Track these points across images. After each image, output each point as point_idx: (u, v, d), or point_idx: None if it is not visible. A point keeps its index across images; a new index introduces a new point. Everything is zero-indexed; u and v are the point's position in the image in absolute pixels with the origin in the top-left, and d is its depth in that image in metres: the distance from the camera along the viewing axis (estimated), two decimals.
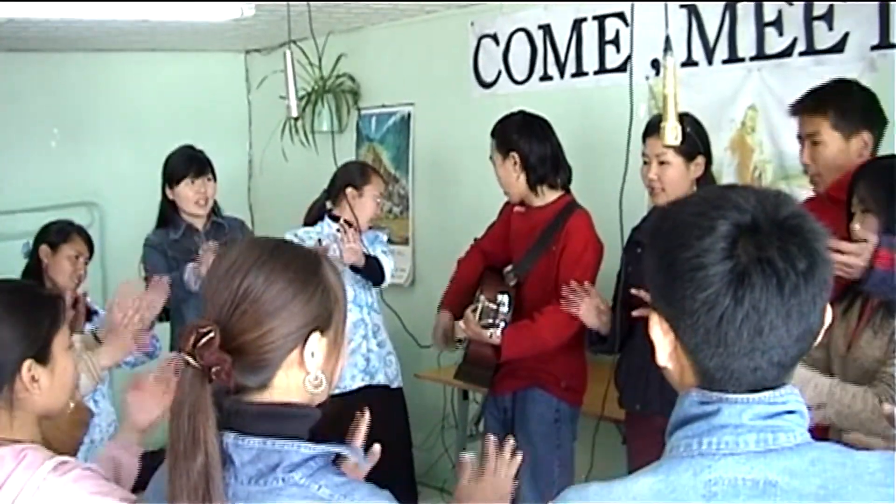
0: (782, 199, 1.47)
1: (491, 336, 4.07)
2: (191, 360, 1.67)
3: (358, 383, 4.99)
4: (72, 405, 2.62)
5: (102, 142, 7.41)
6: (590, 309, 4.01)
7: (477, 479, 2.29)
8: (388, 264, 5.12)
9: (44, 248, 4.60)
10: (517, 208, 4.58)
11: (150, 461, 2.49)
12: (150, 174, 7.15)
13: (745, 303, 1.39)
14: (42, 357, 2.23)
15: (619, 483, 1.48)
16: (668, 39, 2.67)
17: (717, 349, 1.43)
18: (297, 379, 1.77)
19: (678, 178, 3.83)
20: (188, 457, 1.63)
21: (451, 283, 4.82)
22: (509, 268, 4.62)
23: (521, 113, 4.48)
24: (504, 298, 3.94)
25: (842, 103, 3.55)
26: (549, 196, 4.42)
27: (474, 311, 4.02)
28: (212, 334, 1.67)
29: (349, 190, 4.96)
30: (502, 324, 3.98)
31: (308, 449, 1.71)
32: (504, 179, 4.41)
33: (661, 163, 3.83)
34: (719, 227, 1.41)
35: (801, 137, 3.68)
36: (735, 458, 1.42)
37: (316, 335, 1.77)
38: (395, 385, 5.16)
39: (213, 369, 1.67)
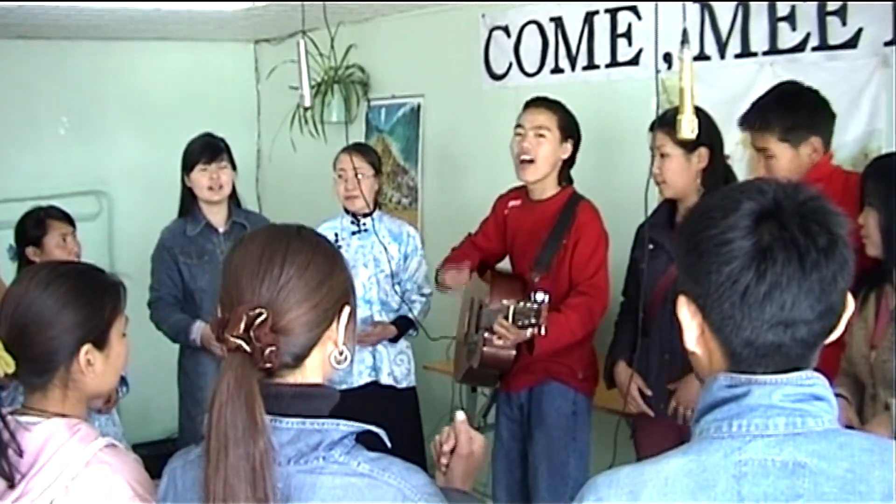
0: (801, 186, 1.54)
1: (532, 335, 3.93)
2: (244, 343, 1.68)
3: (364, 379, 4.98)
4: None
5: (111, 130, 7.42)
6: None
7: (457, 457, 2.14)
8: (423, 308, 5.17)
9: (30, 250, 4.58)
10: (512, 202, 4.57)
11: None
12: (159, 163, 7.17)
13: (768, 277, 1.46)
14: (100, 342, 2.27)
15: (649, 465, 1.52)
16: (685, 32, 2.66)
17: (743, 323, 1.49)
18: (324, 356, 1.82)
19: (678, 169, 3.86)
20: (247, 443, 1.64)
21: (446, 260, 4.74)
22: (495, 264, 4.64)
23: None
24: (542, 297, 3.85)
25: (785, 117, 3.64)
26: (552, 189, 4.39)
27: (506, 317, 3.92)
28: (264, 315, 1.70)
29: None
30: (544, 322, 3.83)
31: (346, 426, 1.75)
32: (549, 160, 4.30)
33: (662, 155, 3.86)
34: (743, 207, 1.49)
35: (756, 149, 3.80)
36: (765, 440, 1.47)
37: (347, 308, 1.83)
38: (402, 385, 5.12)
39: (268, 351, 1.69)
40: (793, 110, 3.66)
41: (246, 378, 1.67)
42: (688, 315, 1.57)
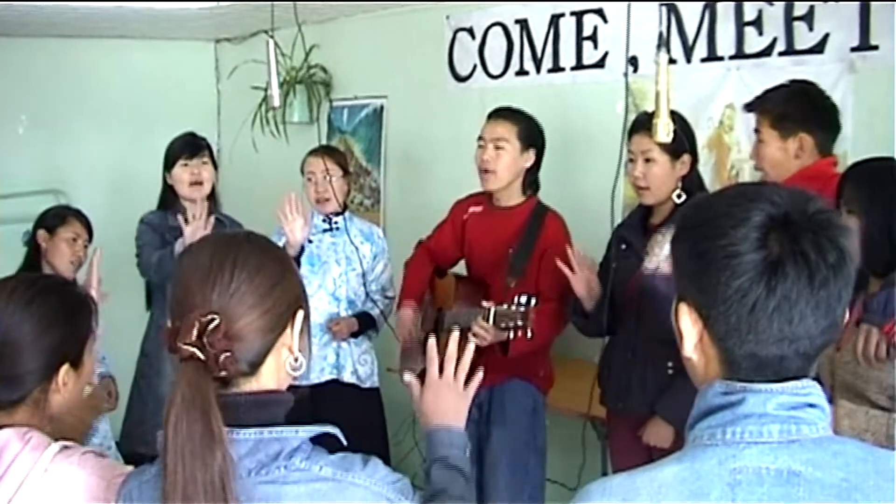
0: (811, 196, 1.51)
1: (515, 336, 3.90)
2: (197, 351, 1.65)
3: (326, 376, 4.95)
4: (88, 389, 2.64)
5: (70, 129, 7.33)
6: (581, 280, 3.93)
7: (427, 386, 2.15)
8: (381, 304, 5.14)
9: (41, 233, 4.57)
10: (473, 208, 4.57)
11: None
12: (118, 162, 7.12)
13: (778, 292, 1.43)
14: (76, 362, 2.23)
15: (643, 473, 1.50)
16: (661, 36, 2.68)
17: (748, 336, 1.47)
18: (279, 362, 1.78)
19: (663, 175, 3.81)
20: (205, 455, 1.60)
21: (406, 283, 4.76)
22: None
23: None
24: (528, 298, 3.83)
25: (781, 105, 3.67)
26: (517, 197, 4.41)
27: (486, 318, 3.91)
28: (217, 320, 1.66)
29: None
30: (531, 325, 3.82)
31: (304, 432, 1.72)
32: (510, 170, 4.32)
33: (647, 160, 3.82)
34: (754, 218, 1.46)
35: (755, 129, 3.81)
36: (759, 447, 1.45)
37: (301, 312, 1.81)
38: (366, 385, 5.10)
39: (223, 357, 1.65)
40: (788, 101, 3.68)
41: (201, 387, 1.64)
42: (689, 322, 1.55)
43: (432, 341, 2.18)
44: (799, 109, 3.67)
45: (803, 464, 1.44)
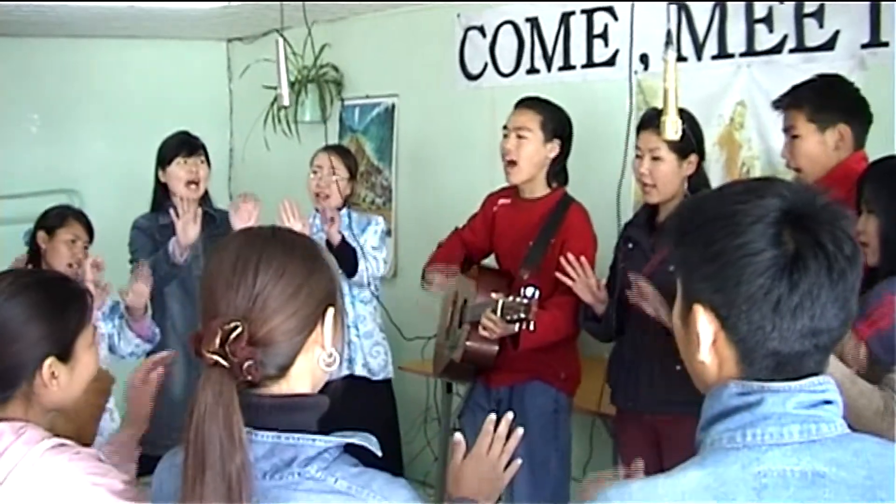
0: (817, 190, 1.50)
1: (521, 329, 3.87)
2: (220, 359, 1.63)
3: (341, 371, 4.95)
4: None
5: (82, 129, 7.37)
6: (584, 287, 3.92)
7: (471, 457, 2.28)
8: (371, 263, 5.02)
9: (41, 234, 4.55)
10: (503, 200, 4.51)
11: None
12: (130, 161, 7.13)
13: (801, 287, 1.42)
14: (64, 355, 2.23)
15: (664, 479, 1.46)
16: (669, 33, 2.68)
17: (772, 334, 1.44)
18: (312, 361, 1.75)
19: (670, 173, 3.79)
20: (225, 458, 1.59)
21: (434, 255, 4.69)
22: (481, 258, 4.61)
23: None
24: (532, 291, 3.80)
25: (818, 97, 3.58)
26: (543, 189, 4.36)
27: (494, 311, 3.89)
28: (240, 329, 1.64)
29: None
30: (533, 317, 3.79)
31: (323, 441, 1.69)
32: (532, 160, 4.27)
33: (654, 158, 3.79)
34: (769, 213, 1.44)
35: (785, 131, 3.71)
36: (781, 449, 1.43)
37: (331, 310, 1.76)
38: (378, 377, 5.10)
39: (247, 364, 1.63)
40: (826, 94, 3.59)
41: (225, 393, 1.62)
42: (705, 324, 1.50)
43: (491, 420, 2.29)
44: (836, 99, 3.59)
45: (827, 464, 1.42)
